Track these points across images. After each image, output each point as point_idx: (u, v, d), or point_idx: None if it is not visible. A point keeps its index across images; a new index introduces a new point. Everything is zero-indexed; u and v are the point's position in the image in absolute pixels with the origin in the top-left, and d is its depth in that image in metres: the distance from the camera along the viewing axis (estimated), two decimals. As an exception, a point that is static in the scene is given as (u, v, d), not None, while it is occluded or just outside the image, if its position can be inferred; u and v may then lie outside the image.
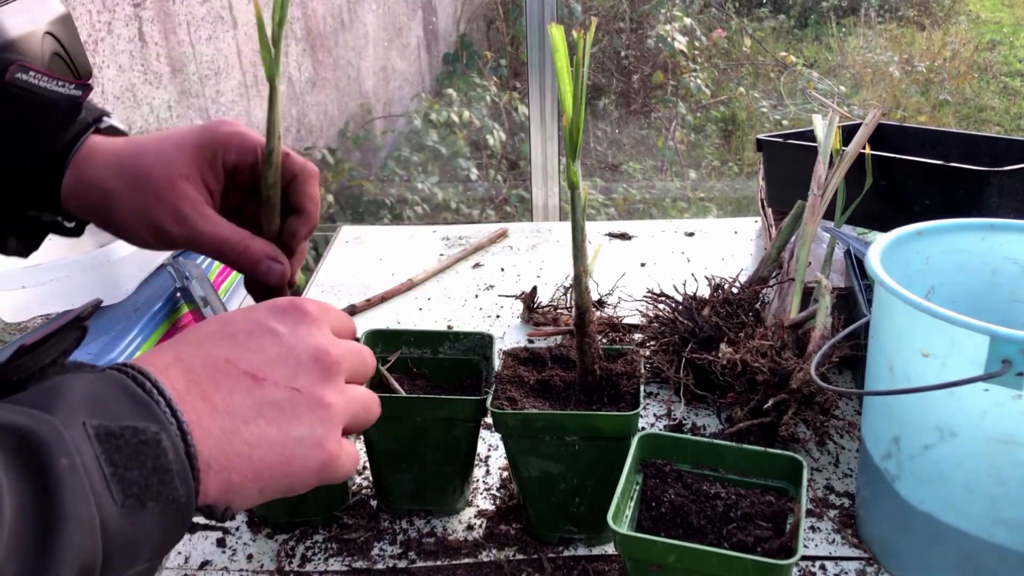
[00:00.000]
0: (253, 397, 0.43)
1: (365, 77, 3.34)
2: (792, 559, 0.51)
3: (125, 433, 0.37)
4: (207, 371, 0.42)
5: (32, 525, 0.33)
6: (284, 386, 0.44)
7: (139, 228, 0.57)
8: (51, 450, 0.34)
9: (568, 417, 0.64)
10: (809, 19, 4.44)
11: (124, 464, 0.36)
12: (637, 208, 3.21)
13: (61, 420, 0.36)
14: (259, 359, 0.44)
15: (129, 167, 0.57)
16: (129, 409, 0.38)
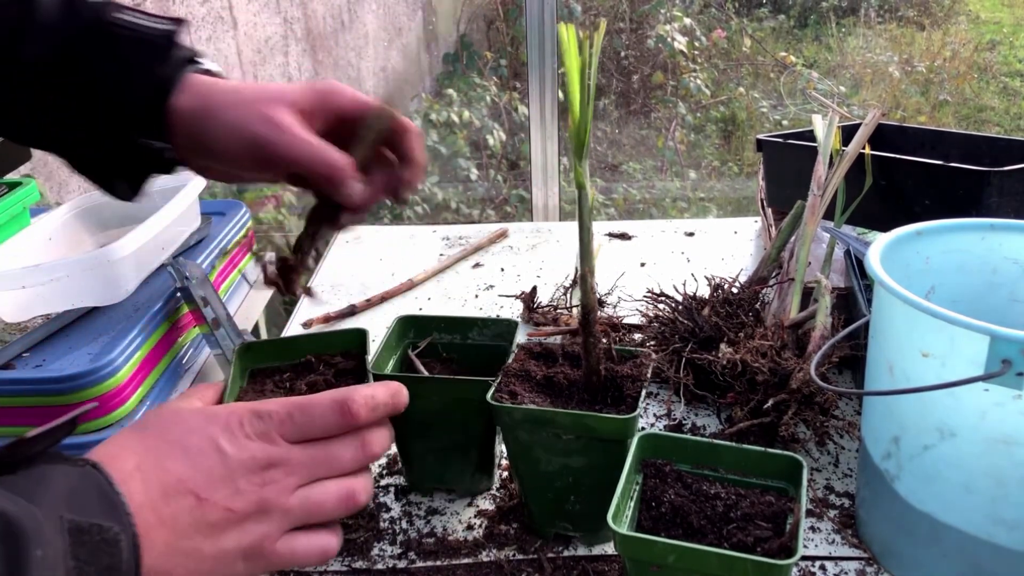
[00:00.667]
0: (193, 516, 0.49)
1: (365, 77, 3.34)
2: (792, 559, 0.51)
3: (92, 530, 0.42)
4: (160, 487, 0.48)
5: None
6: (221, 507, 0.50)
7: (234, 140, 0.59)
8: (29, 541, 0.39)
9: (564, 416, 0.64)
10: (809, 19, 4.45)
11: (86, 559, 0.41)
12: (637, 208, 3.21)
13: (43, 512, 0.41)
14: (203, 480, 0.50)
15: (241, 91, 0.60)
16: (99, 507, 0.44)
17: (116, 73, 0.60)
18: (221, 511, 0.49)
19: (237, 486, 0.50)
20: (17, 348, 0.87)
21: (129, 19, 0.61)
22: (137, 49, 0.60)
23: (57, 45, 0.60)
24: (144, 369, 0.90)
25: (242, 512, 0.50)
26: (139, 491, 0.47)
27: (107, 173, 0.66)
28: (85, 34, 0.61)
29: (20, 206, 1.07)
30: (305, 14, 2.80)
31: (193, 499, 0.49)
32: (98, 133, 0.62)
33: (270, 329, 1.40)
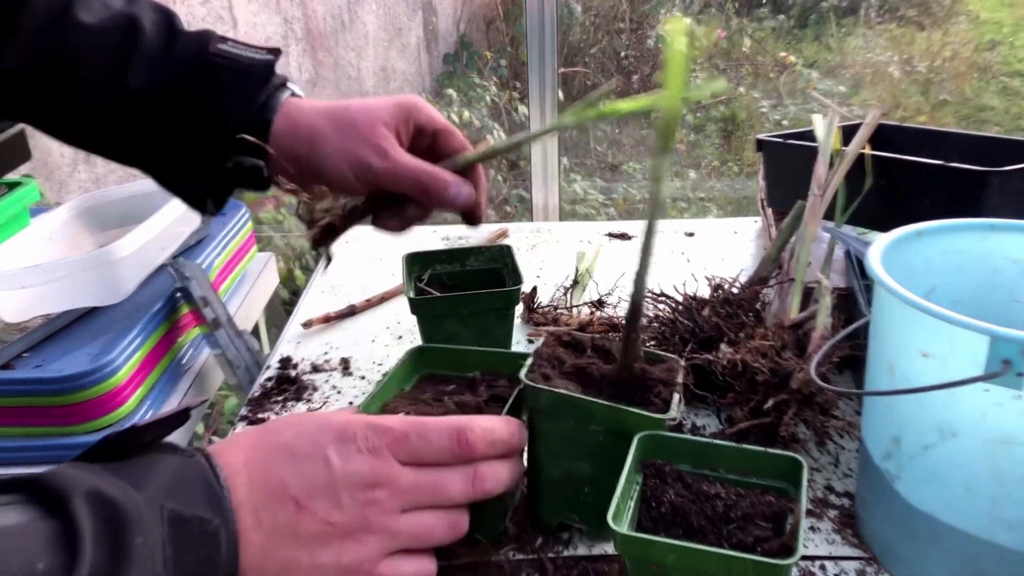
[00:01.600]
0: (292, 523, 0.48)
1: (365, 77, 3.34)
2: (792, 559, 0.51)
3: (193, 521, 0.43)
4: (263, 489, 0.48)
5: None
6: (321, 519, 0.49)
7: (342, 163, 0.65)
8: (131, 527, 0.40)
9: (599, 407, 0.63)
10: (809, 19, 4.44)
11: (185, 548, 0.42)
12: (637, 208, 3.21)
13: (146, 499, 0.42)
14: (306, 488, 0.49)
15: (338, 114, 0.66)
16: (202, 499, 0.44)
17: (218, 102, 0.65)
18: (320, 523, 0.49)
19: (339, 499, 0.49)
20: (17, 348, 0.87)
21: (231, 50, 0.66)
22: (239, 79, 0.65)
23: (161, 75, 0.65)
24: (144, 369, 0.90)
25: (342, 528, 0.49)
26: (243, 489, 0.47)
27: (198, 191, 0.70)
28: (188, 65, 0.65)
29: (20, 206, 1.07)
30: (305, 14, 2.80)
31: (293, 506, 0.48)
32: (195, 156, 0.67)
33: (269, 329, 1.40)
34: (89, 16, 0.65)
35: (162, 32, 0.66)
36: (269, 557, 0.47)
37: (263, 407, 0.86)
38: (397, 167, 0.65)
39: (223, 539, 0.44)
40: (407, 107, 0.67)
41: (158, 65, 0.64)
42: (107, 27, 0.65)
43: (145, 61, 0.64)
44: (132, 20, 0.65)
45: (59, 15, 0.64)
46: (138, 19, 0.65)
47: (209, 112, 0.65)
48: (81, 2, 0.65)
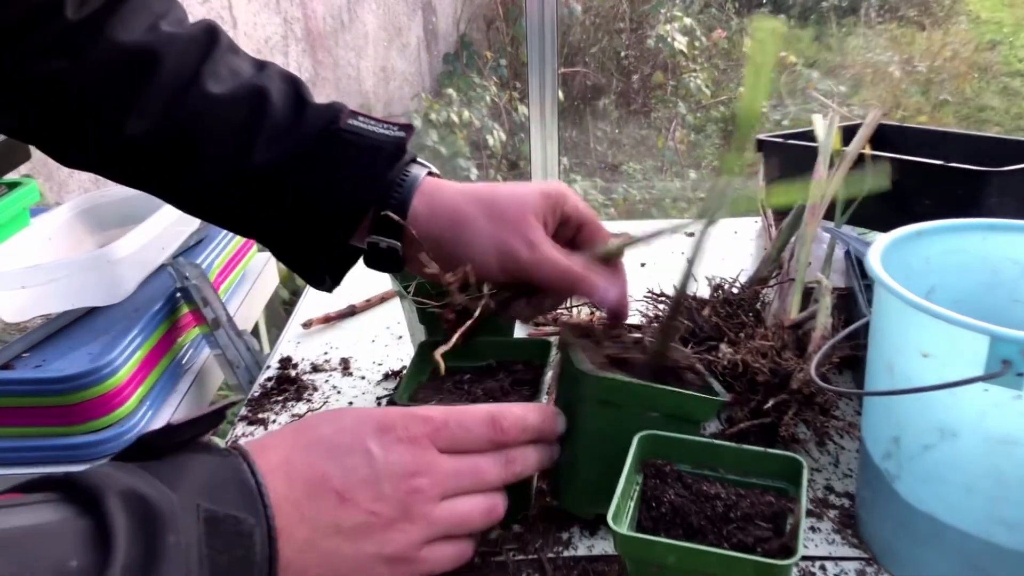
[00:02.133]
0: (335, 515, 0.48)
1: (365, 77, 3.34)
2: (792, 559, 0.51)
3: (227, 520, 0.43)
4: (304, 484, 0.48)
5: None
6: (364, 509, 0.49)
7: (489, 250, 0.64)
8: (166, 525, 0.40)
9: (662, 393, 0.64)
10: (809, 19, 4.45)
11: (220, 548, 0.42)
12: (637, 208, 3.21)
13: (180, 498, 0.42)
14: (349, 480, 0.49)
15: (486, 199, 0.65)
16: (237, 499, 0.44)
17: (344, 179, 0.63)
18: (363, 513, 0.49)
19: (381, 489, 0.50)
20: (17, 348, 0.87)
21: (361, 126, 0.64)
22: (368, 156, 0.64)
23: (287, 150, 0.63)
24: (144, 369, 0.90)
25: (386, 518, 0.49)
26: (282, 485, 0.47)
27: (319, 268, 0.68)
28: (316, 140, 0.63)
29: (20, 206, 1.07)
30: (305, 14, 2.80)
31: (336, 498, 0.48)
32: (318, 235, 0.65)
33: (269, 329, 1.40)
34: (218, 87, 0.63)
35: (290, 104, 0.64)
36: (313, 551, 0.47)
37: (263, 407, 0.86)
38: (545, 262, 0.64)
39: (258, 539, 0.44)
40: (555, 196, 0.66)
41: (285, 139, 0.63)
42: (236, 98, 0.63)
43: (271, 135, 0.62)
44: (261, 92, 0.63)
45: (187, 85, 0.62)
46: (267, 91, 0.63)
47: (335, 189, 0.63)
48: (211, 71, 0.63)
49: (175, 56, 0.63)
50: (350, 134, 0.63)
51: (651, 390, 0.64)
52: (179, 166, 0.64)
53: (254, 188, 0.63)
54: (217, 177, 0.63)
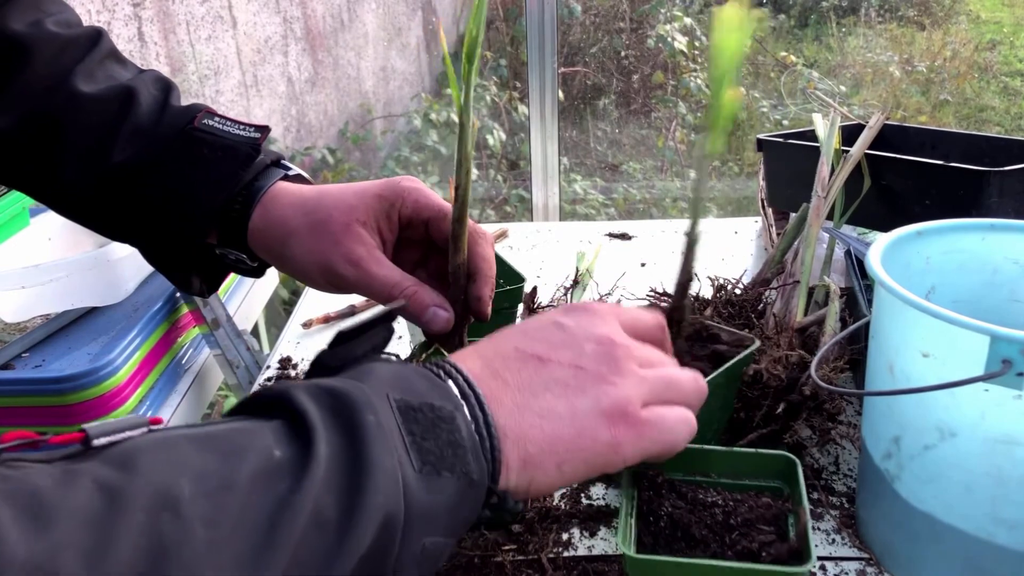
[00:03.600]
0: (540, 375, 0.46)
1: (365, 77, 3.34)
2: (807, 565, 0.50)
3: (423, 408, 0.41)
4: (498, 356, 0.46)
5: (344, 468, 0.37)
6: (568, 364, 0.46)
7: (312, 268, 0.60)
8: (361, 408, 0.38)
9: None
10: (809, 19, 4.45)
11: (422, 435, 0.40)
12: (637, 208, 3.21)
13: (370, 388, 0.40)
14: (545, 346, 0.47)
15: (311, 209, 0.60)
16: (428, 389, 0.42)
17: (197, 180, 0.61)
18: (569, 368, 0.46)
19: (582, 348, 0.47)
20: (17, 348, 0.87)
21: (216, 126, 0.62)
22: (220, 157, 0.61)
23: (145, 149, 0.61)
24: (144, 369, 0.90)
25: (593, 372, 0.46)
26: (476, 363, 0.46)
27: (185, 271, 0.66)
28: (172, 140, 0.61)
29: (20, 206, 1.07)
30: (305, 13, 2.80)
31: (536, 361, 0.46)
32: (176, 238, 0.63)
33: (269, 329, 1.40)
34: (88, 86, 0.62)
35: (156, 106, 0.62)
36: (526, 411, 0.44)
37: (263, 407, 0.86)
38: (368, 278, 0.59)
39: (461, 422, 0.41)
40: (391, 197, 0.61)
41: (144, 139, 0.61)
42: (103, 98, 0.62)
43: (131, 135, 0.61)
44: (129, 93, 0.62)
45: (57, 82, 0.62)
46: (135, 92, 0.62)
47: (186, 190, 0.61)
48: (84, 71, 0.63)
49: (50, 53, 0.62)
50: (204, 134, 0.61)
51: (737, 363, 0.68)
52: (42, 162, 0.63)
53: (113, 187, 0.62)
54: (78, 175, 0.62)
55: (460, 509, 0.41)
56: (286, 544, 0.33)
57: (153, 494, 0.32)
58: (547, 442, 0.44)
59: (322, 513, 0.35)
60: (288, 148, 2.70)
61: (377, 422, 0.38)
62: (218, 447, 0.35)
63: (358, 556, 0.36)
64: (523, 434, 0.44)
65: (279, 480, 0.35)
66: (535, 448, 0.44)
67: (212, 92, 2.14)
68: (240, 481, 0.34)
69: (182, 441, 0.35)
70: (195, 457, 0.34)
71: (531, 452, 0.44)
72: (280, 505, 0.34)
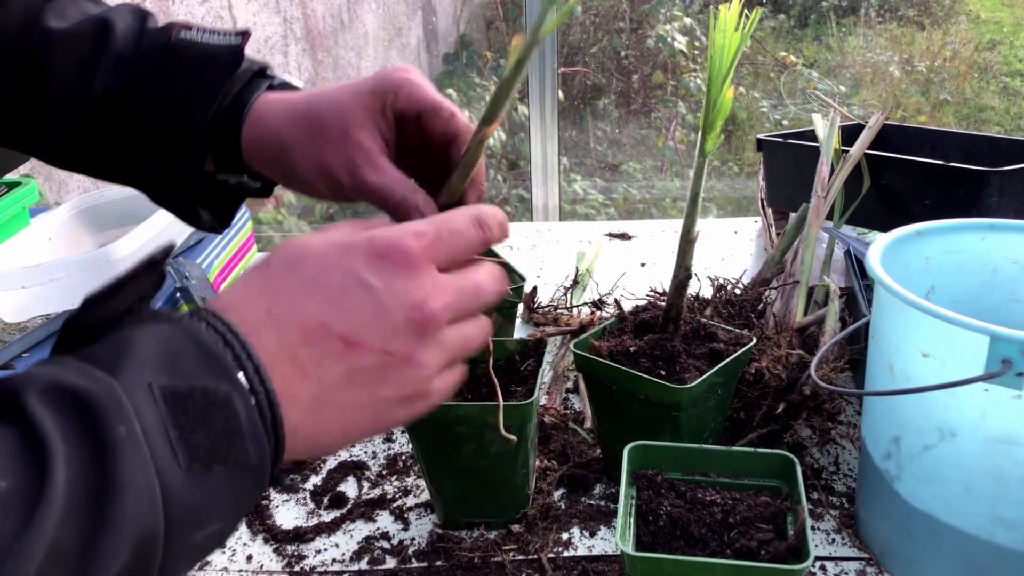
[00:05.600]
0: (345, 363, 0.42)
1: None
2: (805, 563, 0.51)
3: (194, 394, 0.36)
4: (300, 334, 0.41)
5: (87, 493, 0.32)
6: (377, 350, 0.42)
7: (315, 178, 0.57)
8: (108, 417, 0.33)
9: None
10: (809, 19, 4.44)
11: (190, 427, 0.36)
12: (637, 208, 3.21)
13: (125, 382, 0.35)
14: (354, 321, 0.42)
15: (304, 117, 0.57)
16: (201, 366, 0.37)
17: (183, 97, 0.58)
18: (377, 355, 0.42)
19: (392, 324, 0.43)
20: (17, 348, 0.87)
21: (193, 38, 0.59)
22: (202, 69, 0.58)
23: (126, 76, 0.59)
24: (144, 369, 0.90)
25: (401, 355, 0.43)
26: (272, 341, 0.40)
27: (190, 204, 0.64)
28: (152, 61, 0.59)
29: (20, 206, 1.07)
30: (304, 14, 2.80)
31: (341, 344, 0.41)
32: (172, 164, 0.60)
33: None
34: (60, 22, 0.60)
35: (133, 33, 0.60)
36: (324, 408, 0.41)
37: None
38: (364, 185, 0.56)
39: (239, 405, 0.37)
40: (382, 93, 0.56)
41: (124, 66, 0.59)
42: (77, 32, 0.60)
43: (111, 64, 0.59)
44: (105, 24, 0.60)
45: (28, 24, 0.60)
46: (111, 23, 0.60)
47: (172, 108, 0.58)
48: (54, 9, 0.61)
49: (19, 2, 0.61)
50: (183, 47, 0.58)
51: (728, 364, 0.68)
52: (27, 107, 0.61)
53: (101, 121, 0.60)
54: (64, 114, 0.60)
55: (236, 495, 0.37)
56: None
57: None
58: (342, 432, 0.43)
59: (60, 547, 0.31)
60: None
61: (128, 431, 0.33)
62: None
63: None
64: (317, 429, 0.41)
65: (6, 518, 0.30)
66: (327, 439, 0.42)
67: (212, 92, 2.13)
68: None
69: None
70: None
71: (321, 442, 0.42)
72: (7, 549, 0.30)
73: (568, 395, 0.90)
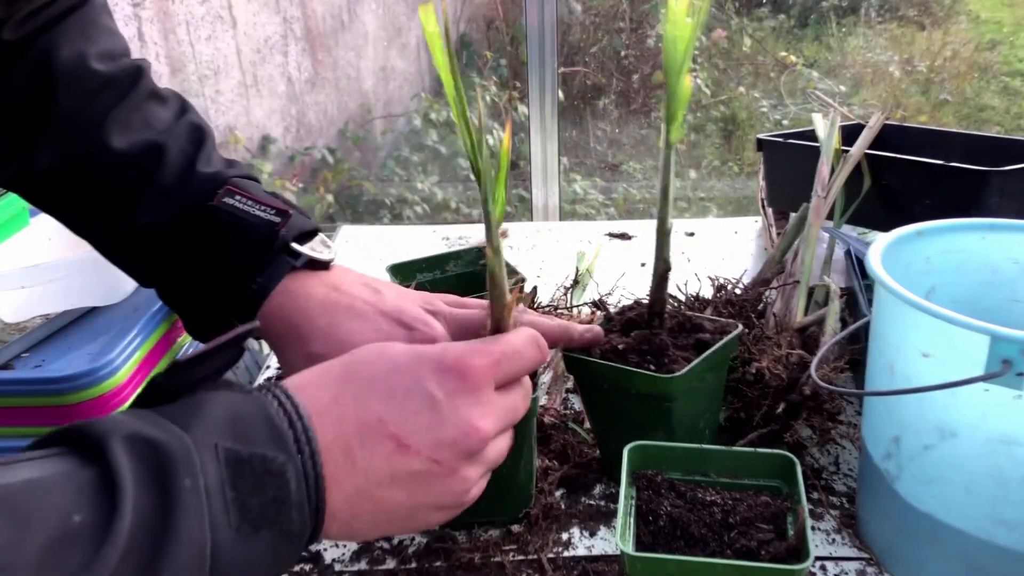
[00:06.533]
0: (392, 464, 0.44)
1: (365, 77, 3.34)
2: (805, 563, 0.51)
3: (253, 460, 0.39)
4: (357, 426, 0.44)
5: (148, 538, 0.35)
6: (425, 456, 0.45)
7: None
8: (178, 468, 0.36)
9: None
10: (809, 19, 4.44)
11: (247, 490, 0.38)
12: (637, 208, 3.21)
13: (195, 440, 0.38)
14: (410, 425, 0.45)
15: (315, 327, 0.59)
16: (264, 437, 0.40)
17: (211, 258, 0.61)
18: (424, 461, 0.45)
19: (444, 436, 0.45)
20: (17, 348, 0.87)
21: (236, 205, 0.61)
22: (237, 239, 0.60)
23: (167, 215, 0.61)
24: (143, 369, 0.90)
25: (447, 466, 0.45)
26: (331, 429, 0.43)
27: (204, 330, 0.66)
28: (192, 211, 0.61)
29: (20, 206, 1.07)
30: (304, 13, 2.80)
31: (393, 444, 0.44)
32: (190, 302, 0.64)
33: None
34: (120, 140, 0.61)
35: (183, 167, 0.62)
36: (364, 500, 0.44)
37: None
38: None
39: (291, 476, 0.40)
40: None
41: (166, 205, 0.61)
42: (131, 155, 0.61)
43: (156, 198, 0.61)
44: (158, 151, 0.61)
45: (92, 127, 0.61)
46: (164, 150, 0.61)
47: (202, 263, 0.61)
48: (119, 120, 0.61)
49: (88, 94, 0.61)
50: (223, 212, 0.60)
51: (717, 352, 0.68)
52: (76, 208, 0.63)
53: (140, 245, 0.63)
54: (108, 228, 0.63)
55: (276, 559, 0.40)
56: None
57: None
58: (375, 524, 0.46)
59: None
60: (288, 148, 2.70)
61: (193, 486, 0.36)
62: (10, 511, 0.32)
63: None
64: (354, 517, 0.44)
65: (74, 551, 0.33)
66: (361, 525, 0.45)
67: (212, 92, 2.14)
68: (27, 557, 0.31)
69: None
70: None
71: (355, 528, 0.45)
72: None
73: (568, 395, 0.90)
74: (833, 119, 1.04)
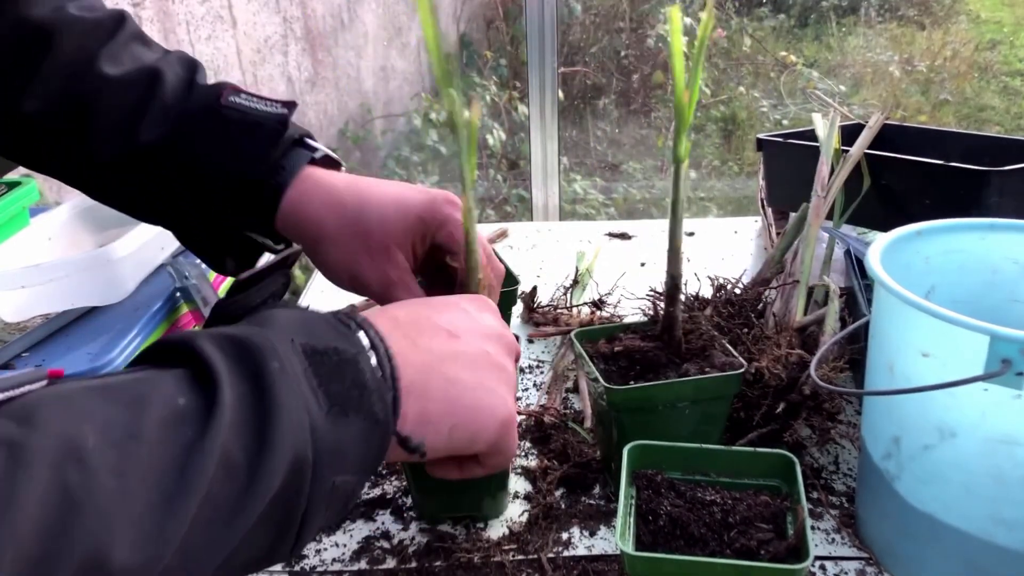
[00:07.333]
0: (450, 346, 0.48)
1: (365, 77, 3.34)
2: (805, 563, 0.51)
3: (328, 352, 0.41)
4: (410, 321, 0.48)
5: (251, 413, 0.37)
6: (476, 346, 0.49)
7: (343, 273, 0.62)
8: (265, 354, 0.39)
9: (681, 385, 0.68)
10: (809, 19, 4.44)
11: (328, 376, 0.40)
12: (637, 208, 3.21)
13: (273, 335, 0.40)
14: (455, 323, 0.50)
15: (350, 218, 0.61)
16: (332, 334, 0.43)
17: (225, 157, 0.61)
18: (477, 348, 0.49)
19: (487, 334, 0.51)
20: (17, 348, 0.87)
21: (243, 103, 0.62)
22: (247, 134, 0.61)
23: (171, 129, 0.62)
24: (144, 369, 0.90)
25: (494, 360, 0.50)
26: (386, 324, 0.47)
27: (218, 253, 0.67)
28: (198, 118, 0.62)
29: (20, 206, 1.07)
30: (304, 13, 2.80)
31: (446, 334, 0.48)
32: (207, 217, 0.64)
33: (270, 329, 1.39)
34: (114, 68, 0.62)
35: (182, 85, 0.63)
36: (433, 374, 0.46)
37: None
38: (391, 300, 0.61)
39: (364, 366, 0.42)
40: (430, 222, 0.62)
41: (170, 119, 0.62)
42: (129, 80, 0.62)
43: (158, 115, 0.62)
44: (155, 73, 0.62)
45: (84, 66, 0.62)
46: (161, 73, 0.62)
47: (214, 167, 0.62)
48: (109, 54, 0.63)
49: (75, 36, 0.63)
50: (230, 110, 0.61)
51: (673, 385, 0.67)
52: (71, 146, 0.63)
53: (143, 168, 0.63)
54: (107, 157, 0.63)
55: (368, 448, 0.42)
56: (195, 490, 0.34)
57: (56, 447, 0.31)
58: (448, 405, 0.46)
59: (230, 458, 0.35)
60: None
61: (281, 367, 0.39)
62: (121, 397, 0.35)
63: (268, 498, 0.36)
64: (426, 392, 0.46)
65: (185, 427, 0.35)
66: (435, 407, 0.46)
67: (212, 92, 2.13)
68: (146, 429, 0.34)
69: (84, 393, 0.35)
70: (98, 408, 0.34)
71: (430, 409, 0.46)
72: (188, 451, 0.34)
73: (568, 395, 0.90)
74: (833, 119, 1.04)
